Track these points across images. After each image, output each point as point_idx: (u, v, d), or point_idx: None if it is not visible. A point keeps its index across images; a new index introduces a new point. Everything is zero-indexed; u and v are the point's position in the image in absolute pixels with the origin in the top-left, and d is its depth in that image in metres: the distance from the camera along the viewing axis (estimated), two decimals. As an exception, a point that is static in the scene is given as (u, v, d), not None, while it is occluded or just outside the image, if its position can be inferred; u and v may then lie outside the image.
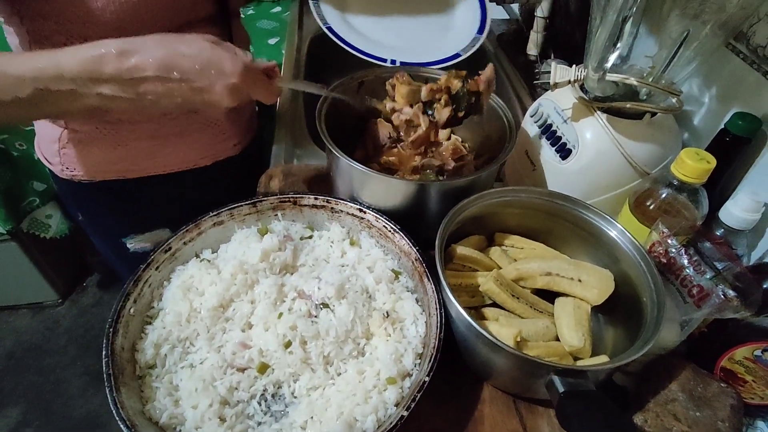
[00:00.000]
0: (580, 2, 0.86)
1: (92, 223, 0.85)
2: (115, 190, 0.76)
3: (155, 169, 0.76)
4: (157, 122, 0.72)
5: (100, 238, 0.88)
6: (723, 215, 0.53)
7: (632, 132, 0.59)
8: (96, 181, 0.74)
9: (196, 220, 0.56)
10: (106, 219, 0.82)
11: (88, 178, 0.74)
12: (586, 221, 0.56)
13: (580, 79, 0.59)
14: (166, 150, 0.75)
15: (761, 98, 0.56)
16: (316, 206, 0.60)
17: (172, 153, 0.76)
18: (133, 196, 0.78)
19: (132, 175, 0.75)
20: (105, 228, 0.84)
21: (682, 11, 0.53)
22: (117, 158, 0.73)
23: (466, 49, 0.80)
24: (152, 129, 0.72)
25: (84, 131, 0.70)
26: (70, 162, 0.73)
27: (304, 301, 0.51)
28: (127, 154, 0.73)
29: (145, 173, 0.76)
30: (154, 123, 0.72)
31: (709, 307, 0.47)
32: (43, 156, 0.76)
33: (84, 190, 0.76)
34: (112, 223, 0.82)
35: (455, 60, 0.78)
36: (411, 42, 0.78)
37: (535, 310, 0.54)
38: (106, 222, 0.83)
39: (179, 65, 0.48)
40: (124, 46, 0.47)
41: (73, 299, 1.76)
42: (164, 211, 0.75)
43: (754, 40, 0.56)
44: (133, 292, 0.50)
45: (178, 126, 0.74)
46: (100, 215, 0.82)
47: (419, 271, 0.53)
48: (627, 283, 0.53)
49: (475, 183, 0.59)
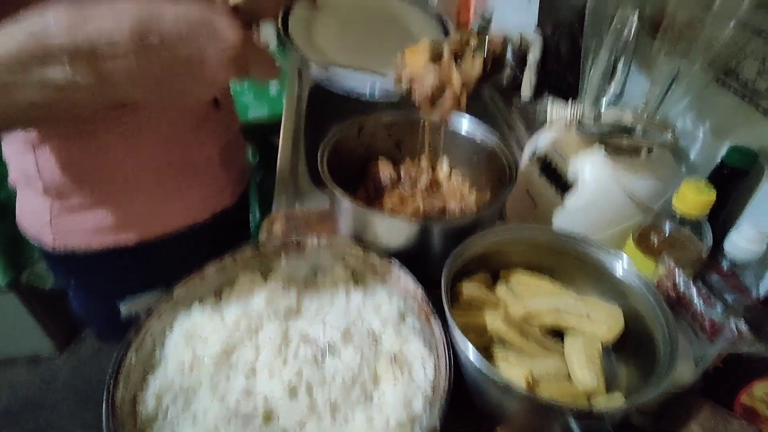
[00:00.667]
0: (569, 45, 0.89)
1: (85, 290, 0.81)
2: (112, 256, 0.73)
3: (154, 232, 0.74)
4: (154, 182, 0.70)
5: (93, 304, 0.83)
6: (728, 247, 0.52)
7: (631, 167, 0.60)
8: (91, 250, 0.71)
9: (200, 266, 0.56)
10: (101, 286, 0.79)
11: (83, 247, 0.71)
12: (591, 256, 0.56)
13: (576, 117, 0.60)
14: (164, 209, 0.73)
15: (755, 131, 0.57)
16: (319, 248, 0.60)
17: (170, 212, 0.74)
18: (130, 260, 0.75)
19: (129, 241, 0.72)
20: (99, 294, 0.80)
21: (671, 50, 0.55)
22: (112, 224, 0.70)
23: None
24: (149, 190, 0.70)
25: (77, 200, 0.67)
26: (62, 232, 0.70)
27: (310, 346, 0.50)
28: (123, 220, 0.70)
29: (143, 237, 0.73)
30: (151, 183, 0.70)
31: (722, 341, 0.46)
32: (31, 231, 0.72)
33: (78, 259, 0.73)
34: (107, 288, 0.79)
35: None
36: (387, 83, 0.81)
37: (544, 348, 0.53)
38: (101, 288, 0.79)
39: (157, 26, 0.35)
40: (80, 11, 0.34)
41: (71, 351, 1.72)
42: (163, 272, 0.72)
43: (743, 75, 0.58)
44: (134, 341, 0.49)
45: (176, 184, 0.73)
46: (95, 282, 0.78)
47: (426, 311, 0.52)
48: (636, 319, 0.52)
49: (478, 222, 0.59)
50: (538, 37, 1.00)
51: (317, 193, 0.84)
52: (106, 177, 0.67)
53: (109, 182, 0.67)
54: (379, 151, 0.75)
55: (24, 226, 0.75)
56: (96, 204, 0.68)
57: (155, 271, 0.76)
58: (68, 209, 0.68)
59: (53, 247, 0.72)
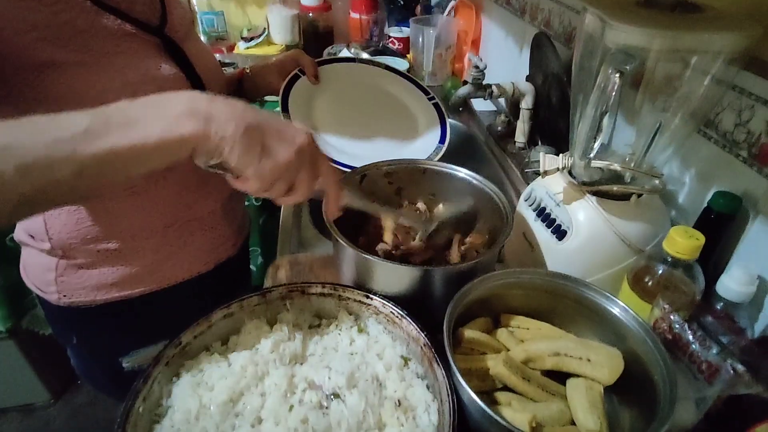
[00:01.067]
0: (559, 95, 0.94)
1: (88, 346, 0.80)
2: (116, 310, 0.74)
3: (159, 284, 0.75)
4: (161, 236, 0.72)
5: (95, 359, 0.83)
6: (720, 289, 0.54)
7: (622, 212, 0.63)
8: (95, 305, 0.72)
9: (207, 314, 0.57)
10: (103, 340, 0.78)
11: (88, 302, 0.72)
12: (588, 299, 0.58)
13: (567, 166, 0.63)
14: (169, 263, 0.75)
15: (738, 178, 0.60)
16: (323, 294, 0.62)
17: (175, 265, 0.75)
18: (134, 313, 0.75)
19: (134, 294, 0.73)
20: (101, 349, 0.80)
21: (652, 104, 0.59)
22: (118, 278, 0.71)
23: (430, 158, 0.87)
24: (155, 245, 0.72)
25: (84, 256, 0.69)
26: (68, 289, 0.71)
27: (315, 392, 0.51)
28: (128, 273, 0.71)
29: (148, 290, 0.74)
30: (157, 238, 0.71)
31: (720, 383, 0.47)
32: (34, 285, 0.74)
33: (81, 314, 0.73)
34: (111, 343, 0.76)
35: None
36: (377, 151, 0.83)
37: (547, 392, 0.54)
38: (104, 343, 0.79)
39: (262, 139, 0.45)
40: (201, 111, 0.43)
41: (66, 399, 1.69)
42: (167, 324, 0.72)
43: (722, 127, 0.62)
44: (143, 390, 0.49)
45: (181, 237, 0.74)
46: (98, 337, 0.78)
47: (428, 356, 0.53)
48: (636, 361, 0.53)
49: (478, 267, 0.61)
50: (530, 86, 1.06)
51: (321, 240, 0.86)
52: (113, 236, 0.68)
53: (116, 240, 0.69)
54: (381, 198, 0.78)
55: (28, 280, 0.75)
56: (102, 261, 0.70)
57: (158, 323, 0.76)
58: (74, 267, 0.69)
59: (57, 303, 0.72)
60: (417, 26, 1.48)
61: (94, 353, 0.81)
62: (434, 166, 0.77)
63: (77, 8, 0.55)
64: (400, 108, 0.97)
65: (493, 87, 1.06)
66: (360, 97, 0.95)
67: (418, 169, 0.77)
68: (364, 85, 0.97)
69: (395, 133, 0.92)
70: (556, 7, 1.04)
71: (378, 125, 0.93)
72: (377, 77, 0.98)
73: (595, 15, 0.56)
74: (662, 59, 0.55)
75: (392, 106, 0.96)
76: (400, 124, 0.94)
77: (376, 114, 0.95)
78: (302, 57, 0.89)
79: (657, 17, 0.54)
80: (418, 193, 0.77)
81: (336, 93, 0.93)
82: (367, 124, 0.92)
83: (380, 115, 0.95)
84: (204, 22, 1.75)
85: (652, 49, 0.52)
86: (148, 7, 0.64)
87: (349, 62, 0.98)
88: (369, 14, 1.76)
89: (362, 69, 0.98)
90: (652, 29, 0.51)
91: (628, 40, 0.52)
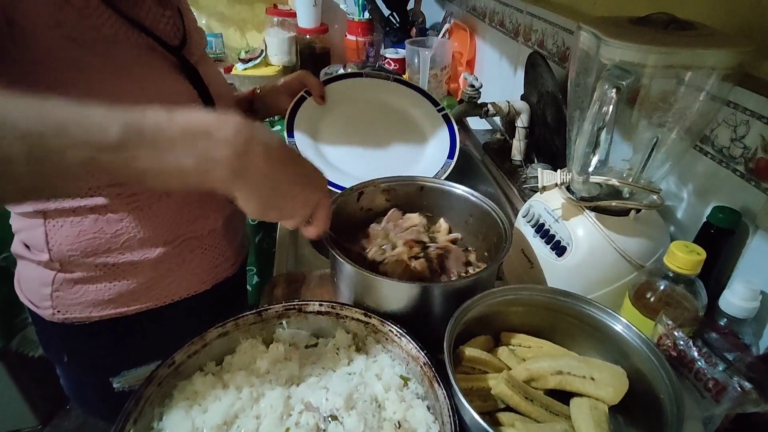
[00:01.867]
0: (555, 113, 0.95)
1: (80, 364, 0.78)
2: (110, 328, 0.72)
3: (155, 302, 0.74)
4: (160, 253, 0.71)
5: (85, 379, 0.81)
6: (723, 305, 0.54)
7: (621, 228, 0.62)
8: (90, 321, 0.71)
9: (202, 333, 0.56)
10: (96, 358, 0.77)
11: (82, 319, 0.70)
12: (590, 316, 0.57)
13: (566, 181, 0.63)
14: (167, 281, 0.73)
15: (735, 192, 0.60)
16: (320, 312, 0.61)
17: (173, 283, 0.74)
18: (128, 332, 0.74)
19: (130, 311, 0.72)
20: (93, 368, 0.78)
21: (648, 120, 0.59)
22: (115, 295, 0.70)
23: (438, 175, 0.86)
24: (153, 261, 0.71)
25: (81, 271, 0.68)
26: (63, 305, 0.69)
27: (312, 414, 0.49)
28: (125, 290, 0.70)
29: (144, 307, 0.73)
30: (156, 255, 0.70)
31: (728, 401, 0.46)
32: (28, 299, 0.73)
33: (75, 331, 0.72)
34: (103, 362, 0.77)
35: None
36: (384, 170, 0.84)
37: (550, 412, 0.52)
38: (96, 361, 0.77)
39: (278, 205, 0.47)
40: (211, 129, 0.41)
41: (54, 424, 1.64)
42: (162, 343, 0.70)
43: (718, 142, 0.62)
44: (133, 412, 0.48)
45: (180, 255, 0.73)
46: (91, 355, 0.77)
47: (429, 376, 0.52)
48: (640, 380, 0.52)
49: (477, 283, 0.60)
50: (526, 105, 1.07)
51: (318, 258, 0.85)
52: (113, 249, 0.68)
53: (116, 255, 0.68)
54: (379, 215, 0.77)
55: (22, 295, 0.74)
56: (100, 277, 0.69)
57: (152, 342, 0.74)
58: (71, 282, 0.68)
59: (51, 319, 0.71)
60: (412, 47, 1.51)
61: (85, 372, 0.79)
62: (432, 183, 0.77)
63: (104, 16, 0.57)
64: (408, 122, 0.96)
65: (489, 106, 1.07)
66: (367, 113, 0.95)
67: (416, 186, 0.77)
68: (372, 100, 0.96)
69: (403, 149, 0.92)
70: (549, 28, 1.06)
71: (386, 142, 0.93)
72: (385, 91, 0.98)
73: (590, 32, 0.56)
74: (657, 75, 0.55)
75: (400, 120, 0.96)
76: (408, 138, 0.93)
77: (383, 130, 0.95)
78: (308, 78, 0.90)
79: (651, 34, 0.54)
80: (416, 209, 0.76)
81: (343, 111, 0.93)
82: (374, 142, 0.92)
83: (388, 130, 0.95)
84: (202, 44, 1.77)
85: (647, 65, 0.52)
86: (171, 28, 0.67)
87: (355, 77, 0.99)
88: (365, 36, 1.79)
89: (369, 84, 0.98)
90: (646, 45, 0.52)
91: (623, 57, 0.53)
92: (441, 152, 0.92)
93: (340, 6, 1.86)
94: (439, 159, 0.90)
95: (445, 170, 0.88)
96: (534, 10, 1.13)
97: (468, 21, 1.58)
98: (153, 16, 0.64)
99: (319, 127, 0.90)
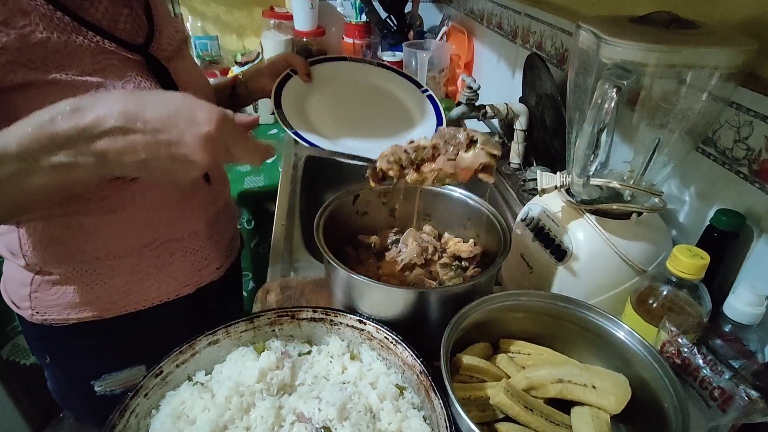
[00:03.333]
0: (553, 116, 0.94)
1: (61, 366, 0.78)
2: (89, 330, 0.71)
3: (134, 305, 0.72)
4: (137, 256, 0.69)
5: (68, 382, 0.80)
6: (728, 310, 0.52)
7: (622, 231, 0.61)
8: (69, 324, 0.70)
9: (190, 341, 0.54)
10: (76, 361, 0.76)
11: (61, 320, 0.69)
12: (592, 323, 0.55)
13: (565, 184, 0.62)
14: (146, 284, 0.72)
15: (739, 195, 0.59)
16: (314, 319, 0.59)
17: (152, 286, 0.73)
18: (108, 335, 0.73)
19: (108, 314, 0.71)
20: (74, 370, 0.77)
21: (650, 121, 0.58)
22: (93, 298, 0.69)
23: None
24: (131, 264, 0.69)
25: (58, 273, 0.67)
26: (41, 306, 0.69)
27: (304, 425, 0.47)
28: (103, 293, 0.69)
29: (123, 311, 0.72)
30: (134, 257, 0.69)
31: (735, 411, 0.45)
32: (11, 300, 0.72)
33: (55, 333, 0.71)
34: (83, 365, 0.76)
35: None
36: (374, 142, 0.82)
37: (551, 422, 0.50)
38: (77, 364, 0.76)
39: (142, 114, 0.41)
40: (80, 102, 0.41)
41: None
42: (142, 347, 0.68)
43: (721, 143, 0.61)
44: (118, 424, 0.46)
45: (159, 257, 0.72)
46: (71, 357, 0.76)
47: (425, 385, 0.50)
48: (643, 388, 0.50)
49: (475, 288, 0.59)
50: (524, 107, 1.05)
51: (313, 263, 0.83)
52: (88, 254, 0.66)
53: (90, 259, 0.67)
54: (374, 219, 0.76)
55: (6, 295, 0.74)
56: (76, 279, 0.68)
57: (134, 346, 0.74)
58: (49, 283, 0.68)
59: (31, 320, 0.70)
60: (410, 50, 1.50)
61: (67, 375, 0.78)
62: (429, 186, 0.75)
63: (50, 27, 0.54)
64: (394, 102, 0.96)
65: (487, 108, 1.06)
66: (354, 93, 0.94)
67: (413, 189, 0.75)
68: (357, 82, 0.96)
69: (391, 125, 0.90)
70: (548, 30, 1.05)
71: (374, 119, 0.91)
72: (369, 74, 0.97)
73: (590, 32, 0.55)
74: (658, 75, 0.54)
75: (386, 101, 0.95)
76: (396, 116, 0.92)
77: (370, 109, 0.94)
78: (293, 57, 0.88)
79: (652, 33, 0.53)
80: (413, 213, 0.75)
81: (329, 91, 0.92)
82: (363, 119, 0.90)
83: (375, 109, 0.94)
84: (197, 47, 1.76)
85: (649, 64, 0.51)
86: (132, 26, 0.63)
87: (340, 60, 0.98)
88: (362, 39, 1.78)
89: (354, 67, 0.97)
90: (648, 44, 0.50)
91: (624, 56, 0.51)
92: (429, 124, 0.91)
93: (337, 9, 1.86)
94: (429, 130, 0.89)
95: None
96: (532, 12, 1.12)
97: (466, 23, 1.57)
98: (110, 16, 0.60)
99: (305, 103, 0.89)
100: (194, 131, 0.42)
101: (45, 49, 0.53)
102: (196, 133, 0.42)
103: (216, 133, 0.43)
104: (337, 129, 0.84)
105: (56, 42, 0.54)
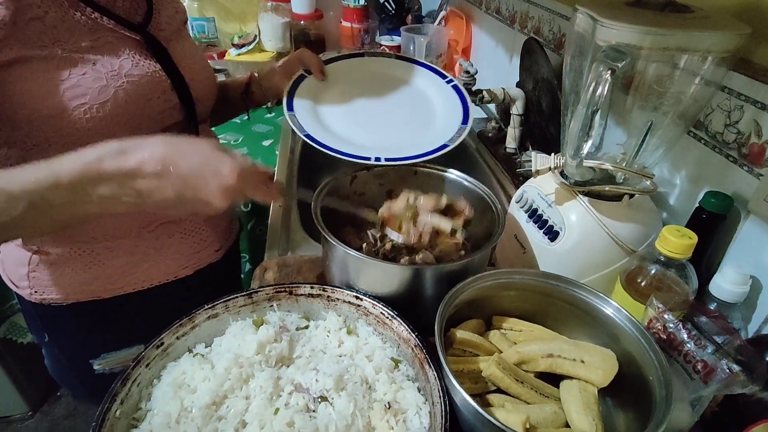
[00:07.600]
0: (550, 100, 0.94)
1: (59, 345, 0.78)
2: (88, 310, 0.72)
3: (133, 286, 0.73)
4: (135, 237, 0.70)
5: (67, 361, 0.80)
6: (713, 289, 0.54)
7: (614, 213, 0.62)
8: (67, 303, 0.70)
9: (190, 314, 0.55)
10: (75, 340, 0.77)
11: (59, 300, 0.70)
12: (582, 300, 0.57)
13: (559, 166, 0.63)
14: (145, 265, 0.73)
15: (728, 178, 0.60)
16: (312, 295, 0.60)
17: (151, 267, 0.73)
18: (107, 315, 0.73)
19: (107, 294, 0.72)
20: (72, 349, 0.78)
21: (643, 104, 0.59)
22: (91, 278, 0.70)
23: (453, 140, 0.82)
24: (130, 245, 0.70)
25: (56, 253, 0.67)
26: (39, 285, 0.69)
27: (302, 395, 0.49)
28: (101, 273, 0.70)
29: (121, 291, 0.72)
30: (132, 239, 0.70)
31: (716, 382, 0.46)
32: (9, 279, 0.73)
33: (53, 312, 0.71)
34: (82, 344, 0.76)
35: (443, 151, 0.80)
36: (393, 138, 0.80)
37: (540, 394, 0.52)
38: (76, 343, 0.77)
39: (177, 161, 0.47)
40: (124, 145, 0.47)
41: (45, 411, 1.63)
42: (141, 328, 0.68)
43: (712, 128, 0.62)
44: (120, 392, 0.47)
45: (158, 239, 0.72)
46: (70, 337, 0.77)
47: (420, 358, 0.52)
48: (630, 362, 0.52)
49: (469, 267, 0.60)
50: (521, 92, 1.06)
51: (309, 243, 0.84)
52: (86, 234, 0.67)
53: (88, 239, 0.67)
54: (371, 200, 0.76)
55: (4, 274, 0.74)
56: (74, 260, 0.68)
57: (132, 326, 0.74)
58: (46, 263, 0.68)
59: (29, 299, 0.70)
60: (408, 35, 1.49)
61: (66, 353, 0.79)
62: (425, 168, 0.76)
63: (48, 2, 0.54)
64: (415, 94, 0.92)
65: (484, 92, 1.06)
66: (371, 88, 0.91)
67: (410, 171, 0.76)
68: (375, 76, 0.92)
69: (412, 119, 0.87)
70: (546, 15, 1.05)
71: (393, 114, 0.88)
72: (388, 67, 0.94)
73: (586, 14, 0.56)
74: (652, 58, 0.55)
75: (407, 94, 0.91)
76: (417, 109, 0.89)
77: (390, 103, 0.90)
78: (306, 55, 0.86)
79: (647, 16, 0.54)
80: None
81: (345, 88, 0.89)
82: (381, 115, 0.88)
83: (394, 103, 0.90)
84: (194, 28, 1.74)
85: (643, 46, 0.52)
86: (131, 4, 0.63)
87: (357, 57, 0.94)
88: (360, 23, 1.77)
89: (371, 62, 0.94)
90: (642, 27, 0.51)
91: (618, 38, 0.52)
92: (453, 119, 0.88)
93: (335, -8, 1.84)
94: (452, 125, 0.87)
95: (459, 135, 0.84)
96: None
97: (464, 8, 1.56)
98: None
99: (321, 101, 0.86)
100: (218, 181, 0.48)
101: (42, 25, 0.53)
102: (219, 183, 0.48)
103: (237, 185, 0.49)
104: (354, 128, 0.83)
105: (53, 17, 0.54)
